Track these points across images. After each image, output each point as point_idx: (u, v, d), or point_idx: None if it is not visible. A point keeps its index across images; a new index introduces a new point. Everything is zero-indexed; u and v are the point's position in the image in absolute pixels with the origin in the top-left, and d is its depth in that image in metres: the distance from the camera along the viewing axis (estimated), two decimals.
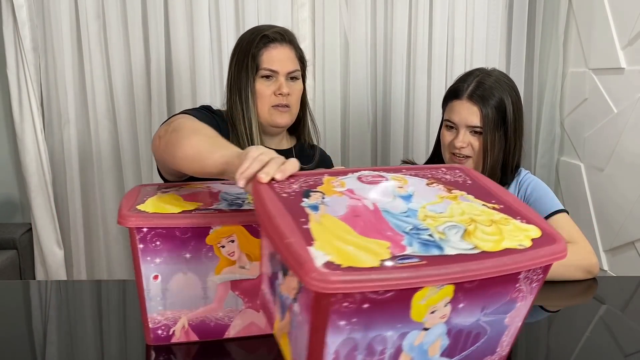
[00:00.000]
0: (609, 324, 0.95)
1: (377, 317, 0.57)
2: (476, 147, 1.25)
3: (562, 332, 0.91)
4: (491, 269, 0.57)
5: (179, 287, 0.79)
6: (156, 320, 0.81)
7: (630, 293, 1.08)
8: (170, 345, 0.82)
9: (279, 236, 0.57)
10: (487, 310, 0.63)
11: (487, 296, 0.62)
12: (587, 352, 0.85)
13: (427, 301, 0.58)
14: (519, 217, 0.67)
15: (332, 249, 0.55)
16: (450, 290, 0.58)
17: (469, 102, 1.24)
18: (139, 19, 1.98)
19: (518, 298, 0.66)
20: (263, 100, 1.27)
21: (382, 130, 2.13)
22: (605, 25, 1.76)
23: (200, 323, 0.82)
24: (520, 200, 0.72)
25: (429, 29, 2.04)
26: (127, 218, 0.75)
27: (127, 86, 2.03)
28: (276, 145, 1.35)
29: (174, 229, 0.76)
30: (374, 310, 0.56)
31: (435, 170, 0.78)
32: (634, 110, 1.60)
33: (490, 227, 0.64)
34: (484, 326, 0.64)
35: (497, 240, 0.61)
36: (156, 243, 0.77)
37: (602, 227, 1.78)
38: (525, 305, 0.68)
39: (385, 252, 0.56)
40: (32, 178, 2.02)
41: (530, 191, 1.25)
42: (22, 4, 1.90)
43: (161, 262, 0.77)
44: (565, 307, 1.03)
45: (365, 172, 0.74)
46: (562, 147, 2.11)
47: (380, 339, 0.58)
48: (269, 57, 1.25)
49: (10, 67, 1.96)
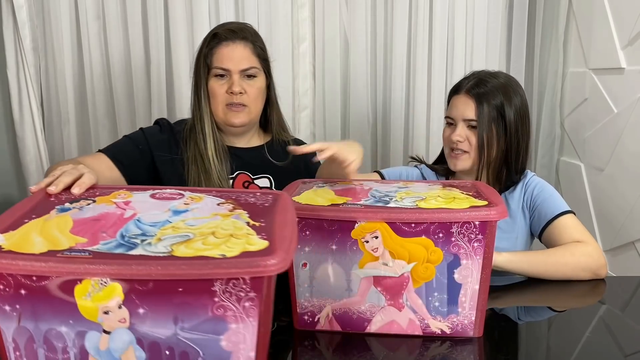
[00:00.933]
0: (609, 324, 0.95)
1: (43, 307, 0.58)
2: (473, 143, 1.25)
3: (562, 332, 0.91)
4: (155, 271, 0.55)
5: (324, 277, 0.84)
6: (303, 306, 0.86)
7: (630, 293, 1.09)
8: (315, 331, 0.87)
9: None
10: (185, 324, 0.59)
11: (175, 305, 0.58)
12: (587, 352, 0.85)
13: (92, 298, 0.57)
14: (263, 235, 0.64)
15: (19, 238, 0.59)
16: (119, 290, 0.57)
17: (465, 96, 1.26)
18: (139, 19, 1.98)
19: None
20: (217, 100, 1.25)
21: (382, 130, 2.13)
22: (605, 25, 1.76)
23: (343, 314, 0.86)
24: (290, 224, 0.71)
25: (429, 29, 2.04)
26: None
27: (127, 86, 2.03)
28: (245, 144, 1.34)
29: (322, 220, 0.80)
30: (35, 298, 0.57)
31: (252, 194, 0.80)
32: (634, 110, 1.60)
33: (211, 238, 0.62)
34: (191, 345, 0.60)
35: (202, 249, 0.59)
36: (306, 232, 0.82)
37: (602, 227, 1.78)
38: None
39: (66, 245, 0.58)
40: (32, 178, 2.02)
41: (537, 193, 1.26)
42: (22, 4, 1.90)
43: (310, 251, 0.83)
44: (568, 308, 1.03)
45: (169, 190, 0.79)
46: (562, 147, 2.11)
47: (56, 333, 0.59)
48: (220, 56, 1.24)
49: (10, 67, 1.96)
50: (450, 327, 0.84)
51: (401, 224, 0.79)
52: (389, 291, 0.83)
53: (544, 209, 1.22)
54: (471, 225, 0.78)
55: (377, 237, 0.81)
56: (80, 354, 0.60)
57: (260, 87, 1.28)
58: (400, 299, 0.84)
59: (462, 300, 0.83)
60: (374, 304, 0.84)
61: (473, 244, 0.79)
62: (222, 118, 1.26)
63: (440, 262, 0.81)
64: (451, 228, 0.79)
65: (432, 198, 0.85)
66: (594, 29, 1.84)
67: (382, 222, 0.79)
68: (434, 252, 0.81)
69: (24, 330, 0.59)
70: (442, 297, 0.83)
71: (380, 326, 0.85)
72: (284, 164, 1.32)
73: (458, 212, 0.78)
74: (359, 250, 0.82)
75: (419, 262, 0.81)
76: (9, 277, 0.57)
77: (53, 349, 0.60)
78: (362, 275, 0.83)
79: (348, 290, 0.84)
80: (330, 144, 0.97)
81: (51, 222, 0.65)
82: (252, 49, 1.27)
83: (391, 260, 0.82)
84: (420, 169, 1.42)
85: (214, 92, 1.25)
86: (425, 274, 0.82)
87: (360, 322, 0.85)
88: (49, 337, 0.60)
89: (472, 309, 0.83)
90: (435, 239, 0.80)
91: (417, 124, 2.09)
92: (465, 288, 0.82)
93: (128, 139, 1.30)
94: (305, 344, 0.84)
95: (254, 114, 1.29)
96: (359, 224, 0.80)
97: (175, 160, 1.27)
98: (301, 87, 2.06)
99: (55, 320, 0.59)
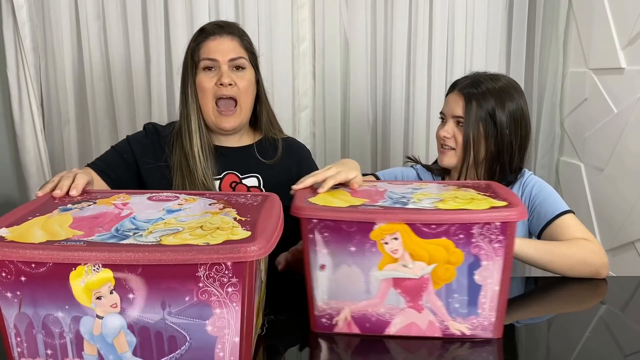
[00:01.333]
0: (609, 324, 0.95)
1: (41, 294, 0.62)
2: (458, 140, 1.27)
3: (562, 332, 0.91)
4: (142, 257, 0.60)
5: (343, 279, 0.82)
6: (321, 309, 0.84)
7: (630, 293, 1.09)
8: (332, 334, 0.85)
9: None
10: (172, 309, 0.64)
11: (162, 290, 0.62)
12: (587, 352, 0.85)
13: (86, 283, 0.62)
14: (247, 227, 0.69)
15: (21, 231, 0.64)
16: (110, 276, 0.62)
17: (457, 94, 1.28)
18: (139, 19, 1.98)
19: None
20: (206, 95, 1.23)
21: (382, 130, 2.13)
22: (605, 25, 1.76)
23: (362, 316, 0.84)
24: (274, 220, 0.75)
25: (429, 29, 2.04)
26: (301, 209, 0.80)
27: (127, 86, 2.03)
28: (236, 143, 1.32)
29: (341, 221, 0.79)
30: (34, 284, 0.62)
31: (243, 195, 0.87)
32: (634, 110, 1.60)
33: (198, 230, 0.67)
34: (178, 330, 0.64)
35: (189, 239, 0.64)
36: (324, 234, 0.80)
37: (602, 227, 1.78)
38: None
39: (63, 237, 0.64)
40: (32, 178, 2.02)
41: (535, 193, 1.25)
42: (22, 4, 1.90)
43: (328, 253, 0.81)
44: (567, 308, 1.03)
45: (166, 193, 0.86)
46: (562, 147, 2.11)
47: (53, 319, 0.64)
48: (207, 49, 1.23)
49: (10, 67, 1.96)
50: (470, 328, 0.83)
51: (421, 225, 0.78)
52: (408, 293, 0.82)
53: (543, 208, 1.21)
54: (492, 226, 0.78)
55: (396, 239, 0.80)
56: (76, 338, 0.64)
57: (249, 80, 1.26)
58: (420, 301, 0.83)
59: (482, 302, 0.82)
60: (393, 305, 0.83)
61: (494, 245, 0.79)
62: (213, 121, 1.25)
63: (461, 263, 0.80)
64: (472, 229, 0.78)
65: (450, 199, 0.85)
66: (594, 29, 1.84)
67: (402, 223, 0.78)
68: (455, 254, 0.80)
69: (24, 316, 0.64)
70: (462, 298, 0.82)
71: (399, 328, 0.84)
72: (272, 162, 1.31)
73: (479, 212, 0.78)
74: (378, 252, 0.80)
75: (440, 264, 0.80)
76: (11, 264, 0.61)
77: (51, 334, 0.64)
78: (381, 277, 0.82)
79: (367, 292, 0.83)
80: (326, 173, 0.94)
81: (53, 219, 0.70)
82: (240, 42, 1.26)
83: (411, 262, 0.80)
84: (416, 169, 1.42)
85: (203, 87, 1.22)
86: (446, 276, 0.81)
87: (379, 325, 0.84)
88: (47, 323, 0.64)
89: (492, 310, 0.82)
90: (456, 240, 0.79)
91: (416, 124, 2.09)
92: (485, 289, 0.81)
93: (114, 151, 1.30)
94: (323, 347, 0.83)
95: (244, 112, 1.26)
96: (379, 225, 0.79)
97: (160, 166, 1.26)
98: (301, 87, 2.06)
99: (52, 305, 0.63)
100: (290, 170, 1.32)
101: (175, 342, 0.65)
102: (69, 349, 0.65)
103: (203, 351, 0.66)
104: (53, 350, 0.65)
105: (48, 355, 0.66)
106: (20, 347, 0.66)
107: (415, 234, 0.79)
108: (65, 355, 0.66)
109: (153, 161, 1.27)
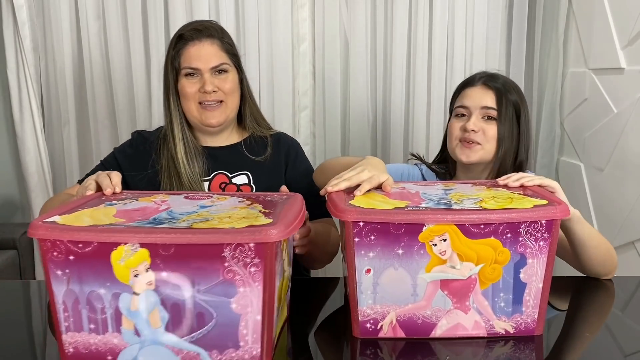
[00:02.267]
0: (609, 324, 0.95)
1: (86, 271, 0.70)
2: (488, 134, 1.19)
3: (562, 332, 0.91)
4: (175, 237, 0.68)
5: (389, 282, 0.81)
6: (365, 314, 0.83)
7: (630, 293, 1.08)
8: (377, 339, 0.83)
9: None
10: (200, 286, 0.70)
11: (192, 269, 0.70)
12: (587, 352, 0.85)
13: (125, 262, 0.70)
14: (270, 216, 0.76)
15: (72, 218, 0.73)
16: (146, 255, 0.69)
17: (483, 86, 1.22)
18: (139, 19, 1.98)
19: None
20: (189, 99, 1.22)
21: (382, 130, 2.13)
22: (605, 25, 1.76)
23: (408, 320, 0.83)
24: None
25: (429, 29, 2.04)
26: (345, 212, 0.78)
27: (127, 86, 2.03)
28: (223, 141, 1.31)
29: (389, 224, 0.78)
30: (80, 263, 0.70)
31: (270, 195, 0.92)
32: (634, 110, 1.60)
33: (226, 219, 0.74)
34: (206, 307, 0.71)
35: (216, 225, 0.71)
36: (371, 237, 0.79)
37: (602, 227, 1.78)
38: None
39: (107, 222, 0.72)
40: (32, 178, 2.02)
41: None
42: (22, 4, 1.90)
43: (374, 256, 0.80)
44: (566, 307, 1.03)
45: (201, 193, 0.94)
46: (562, 147, 2.11)
47: (96, 295, 0.71)
48: (188, 56, 1.22)
49: (10, 67, 1.96)
50: (514, 326, 0.84)
51: (470, 226, 0.78)
52: (455, 294, 0.82)
53: None
54: (538, 224, 0.79)
55: (445, 240, 0.79)
56: (115, 314, 0.72)
57: (233, 81, 1.24)
58: (467, 302, 0.82)
59: (526, 300, 0.82)
60: (440, 307, 0.83)
61: (539, 243, 0.80)
62: (198, 118, 1.23)
63: (507, 262, 0.80)
64: (519, 228, 0.79)
65: (489, 198, 0.85)
66: (594, 29, 1.84)
67: (451, 224, 0.78)
68: (502, 253, 0.80)
69: (72, 292, 0.72)
70: (507, 297, 0.82)
71: (445, 330, 0.83)
72: (261, 159, 1.30)
73: (526, 211, 0.79)
74: (426, 254, 0.80)
75: (487, 263, 0.80)
76: (62, 244, 0.69)
77: (94, 310, 0.72)
78: (429, 280, 0.81)
79: (414, 295, 0.82)
80: (359, 177, 0.91)
81: (99, 210, 0.79)
82: (220, 45, 1.23)
83: (459, 263, 0.80)
84: (421, 169, 1.40)
85: (185, 92, 1.21)
86: (493, 275, 0.81)
87: (425, 327, 0.83)
88: (91, 299, 0.72)
89: (535, 308, 0.83)
90: (504, 239, 0.79)
91: (416, 123, 2.09)
92: (529, 287, 0.82)
93: (102, 166, 1.29)
94: (367, 352, 0.81)
95: (230, 109, 1.25)
96: (427, 227, 0.78)
97: (148, 174, 1.26)
98: (301, 87, 2.06)
99: (95, 283, 0.71)
100: (279, 166, 1.31)
101: (203, 318, 0.72)
102: (109, 323, 0.72)
103: (228, 328, 0.72)
104: (95, 324, 0.73)
105: (91, 330, 0.73)
106: (67, 321, 0.73)
107: (464, 235, 0.79)
108: (105, 330, 0.73)
109: (139, 172, 1.26)
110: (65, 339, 0.74)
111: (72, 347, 0.74)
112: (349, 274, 0.82)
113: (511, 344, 0.83)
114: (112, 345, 0.73)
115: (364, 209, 0.79)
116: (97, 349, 0.73)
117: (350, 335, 0.85)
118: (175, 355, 0.73)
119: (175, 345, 0.73)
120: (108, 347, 0.73)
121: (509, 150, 1.21)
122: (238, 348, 0.73)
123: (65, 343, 0.74)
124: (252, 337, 0.73)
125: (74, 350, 0.74)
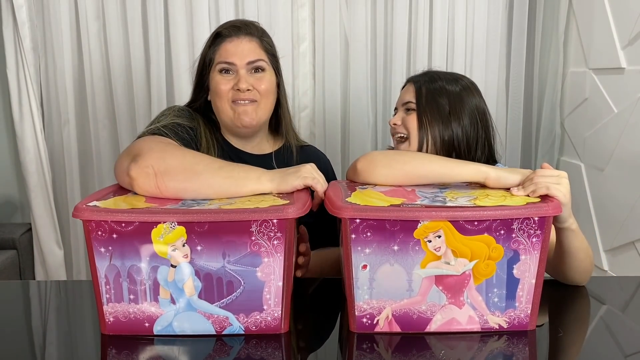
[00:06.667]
0: (609, 324, 0.95)
1: (128, 248, 0.78)
2: (410, 126, 1.17)
3: (561, 332, 0.91)
4: (209, 216, 0.77)
5: (385, 278, 0.83)
6: (362, 309, 0.85)
7: (630, 293, 1.08)
8: (373, 334, 0.85)
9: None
10: (230, 258, 0.79)
11: (223, 243, 0.79)
12: (587, 352, 0.85)
13: (164, 238, 0.78)
14: (286, 200, 0.86)
15: (109, 203, 0.81)
16: (183, 232, 0.78)
17: (408, 84, 1.26)
18: (139, 19, 1.98)
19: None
20: (222, 98, 1.12)
21: (382, 130, 2.13)
22: (605, 25, 1.76)
23: (403, 315, 0.85)
24: None
25: (429, 29, 2.04)
26: (342, 210, 0.80)
27: (127, 86, 2.03)
28: (254, 148, 1.21)
29: (385, 221, 0.80)
30: (123, 241, 0.78)
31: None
32: (634, 110, 1.60)
33: (247, 202, 0.83)
34: (235, 275, 0.80)
35: (242, 205, 0.81)
36: (367, 234, 0.81)
37: (602, 227, 1.78)
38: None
39: (143, 206, 0.81)
40: (32, 178, 2.02)
41: None
42: (22, 4, 1.90)
43: (370, 253, 0.82)
44: (564, 307, 1.03)
45: None
46: (562, 147, 2.11)
47: (136, 268, 0.80)
48: (224, 52, 1.13)
49: (10, 67, 1.96)
50: (507, 321, 0.86)
51: (465, 223, 0.80)
52: (450, 290, 0.84)
53: None
54: (531, 221, 0.81)
55: (440, 237, 0.81)
56: (154, 285, 0.80)
57: (271, 81, 1.15)
58: (461, 297, 0.84)
59: (519, 295, 0.84)
60: (435, 302, 0.84)
61: (532, 239, 0.82)
62: (232, 117, 1.13)
63: (501, 258, 0.82)
64: (512, 224, 0.81)
65: (483, 196, 0.87)
66: (594, 29, 1.84)
67: (446, 221, 0.80)
68: (496, 249, 0.82)
69: (113, 267, 0.80)
70: (501, 292, 0.84)
71: (440, 324, 0.85)
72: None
73: (519, 208, 0.81)
74: (421, 250, 0.82)
75: (481, 259, 0.82)
76: (105, 224, 0.77)
77: (133, 282, 0.80)
78: (424, 275, 0.83)
79: (409, 290, 0.84)
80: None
81: (130, 197, 0.87)
82: (259, 42, 1.15)
83: (453, 259, 0.82)
84: None
85: (219, 89, 1.12)
86: (486, 271, 0.83)
87: (420, 322, 0.85)
88: (132, 272, 0.80)
89: (528, 303, 0.85)
90: (497, 235, 0.81)
91: None
92: (522, 282, 0.84)
93: (168, 132, 1.07)
94: (364, 347, 0.83)
95: (263, 110, 1.15)
96: (423, 223, 0.80)
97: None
98: (301, 87, 2.06)
99: (136, 257, 0.79)
100: None
101: (232, 286, 0.80)
102: (147, 293, 0.81)
103: (254, 294, 0.81)
104: (135, 295, 0.81)
105: (130, 300, 0.81)
106: (108, 293, 0.81)
107: (458, 231, 0.81)
108: (144, 299, 0.81)
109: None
110: (106, 309, 0.81)
111: (112, 316, 0.81)
112: (346, 270, 0.83)
113: (504, 338, 0.85)
114: (150, 313, 0.81)
115: (360, 206, 0.81)
116: (135, 317, 0.82)
117: (347, 329, 0.86)
118: (207, 320, 0.82)
119: (207, 310, 0.82)
120: (146, 315, 0.82)
121: (437, 137, 1.16)
122: (262, 311, 0.82)
123: (106, 313, 0.81)
124: (274, 301, 0.81)
125: (114, 319, 0.82)
